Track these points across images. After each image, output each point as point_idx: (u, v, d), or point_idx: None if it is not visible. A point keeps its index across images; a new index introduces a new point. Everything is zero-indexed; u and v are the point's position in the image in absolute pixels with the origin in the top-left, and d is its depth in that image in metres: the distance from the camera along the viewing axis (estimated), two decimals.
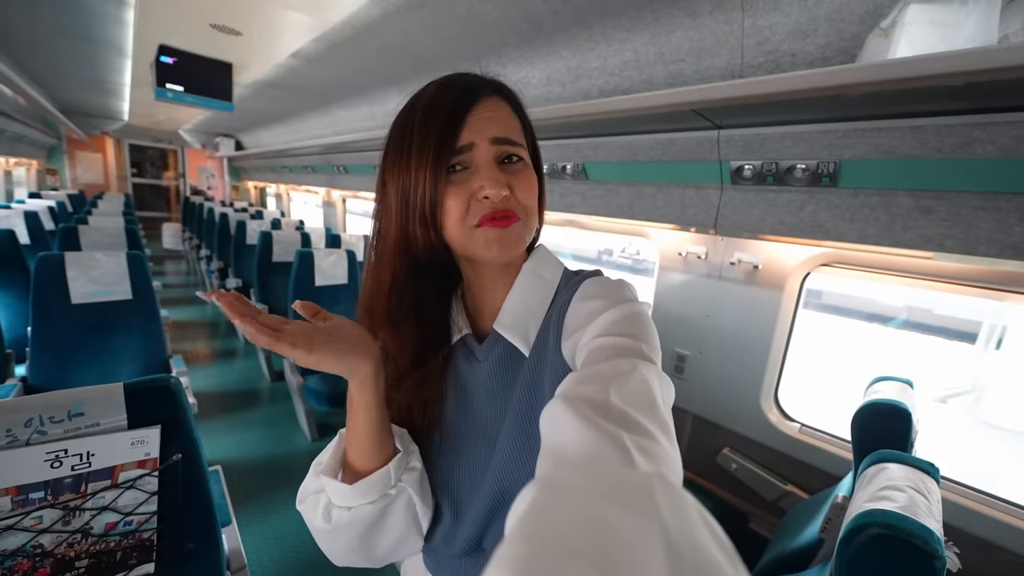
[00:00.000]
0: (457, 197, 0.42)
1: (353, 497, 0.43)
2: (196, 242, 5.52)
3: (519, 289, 0.48)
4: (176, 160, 7.92)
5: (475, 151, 0.42)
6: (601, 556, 0.15)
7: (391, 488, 0.45)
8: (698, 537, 0.16)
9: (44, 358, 1.61)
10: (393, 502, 0.45)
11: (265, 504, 1.81)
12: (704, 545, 0.16)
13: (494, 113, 0.43)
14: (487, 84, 0.45)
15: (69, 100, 4.90)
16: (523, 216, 0.44)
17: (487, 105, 0.43)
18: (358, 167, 3.62)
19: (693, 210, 1.52)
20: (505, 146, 0.43)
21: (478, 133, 0.42)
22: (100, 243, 2.58)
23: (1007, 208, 0.95)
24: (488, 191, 0.41)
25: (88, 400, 0.73)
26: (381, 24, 1.70)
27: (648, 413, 0.31)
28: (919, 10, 0.83)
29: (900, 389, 1.11)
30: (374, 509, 0.44)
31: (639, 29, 1.34)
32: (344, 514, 0.44)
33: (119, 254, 1.74)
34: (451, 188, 0.42)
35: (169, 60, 2.48)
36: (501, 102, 0.45)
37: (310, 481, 0.47)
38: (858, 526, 0.60)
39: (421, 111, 0.43)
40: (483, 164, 0.42)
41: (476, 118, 0.42)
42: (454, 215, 0.43)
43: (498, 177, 0.42)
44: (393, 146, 0.45)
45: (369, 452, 0.44)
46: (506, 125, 0.44)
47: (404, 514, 0.46)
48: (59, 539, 0.71)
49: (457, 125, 0.42)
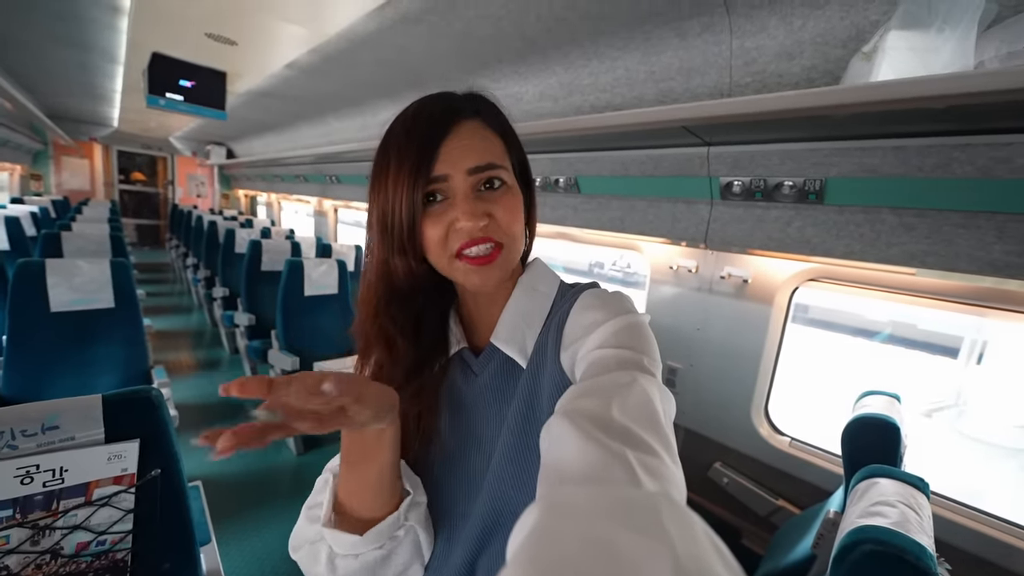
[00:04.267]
0: (435, 227, 0.42)
1: (362, 546, 0.41)
2: (183, 250, 5.44)
3: (515, 303, 0.48)
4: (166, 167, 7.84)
5: (451, 182, 0.41)
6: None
7: (399, 530, 0.43)
8: (707, 559, 0.16)
9: (19, 368, 1.56)
10: (400, 542, 0.44)
11: (247, 521, 1.75)
12: (712, 566, 0.16)
13: (470, 141, 0.42)
14: (463, 107, 0.44)
15: (58, 105, 4.84)
16: (506, 241, 0.43)
17: (462, 133, 0.42)
18: (351, 177, 3.61)
19: (684, 224, 1.54)
20: (484, 173, 0.42)
21: (453, 165, 0.41)
22: (84, 250, 2.52)
23: (986, 226, 0.98)
24: (463, 223, 0.41)
25: (64, 412, 0.70)
26: (377, 38, 1.72)
27: (650, 428, 0.31)
28: (899, 36, 0.86)
29: (888, 403, 1.12)
30: (382, 552, 0.42)
31: (631, 48, 1.38)
32: (351, 563, 0.41)
33: (103, 261, 1.70)
34: (430, 218, 0.42)
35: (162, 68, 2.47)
36: (478, 126, 0.43)
37: (305, 529, 0.44)
38: (851, 542, 0.60)
39: (398, 138, 0.42)
40: (460, 197, 0.41)
41: (450, 148, 0.41)
42: (434, 243, 0.42)
43: (474, 209, 0.41)
44: (375, 170, 0.44)
45: (382, 499, 0.42)
46: (483, 152, 0.42)
47: (410, 550, 0.45)
48: (26, 560, 0.67)
49: (430, 159, 0.41)
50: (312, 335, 2.41)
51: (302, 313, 2.41)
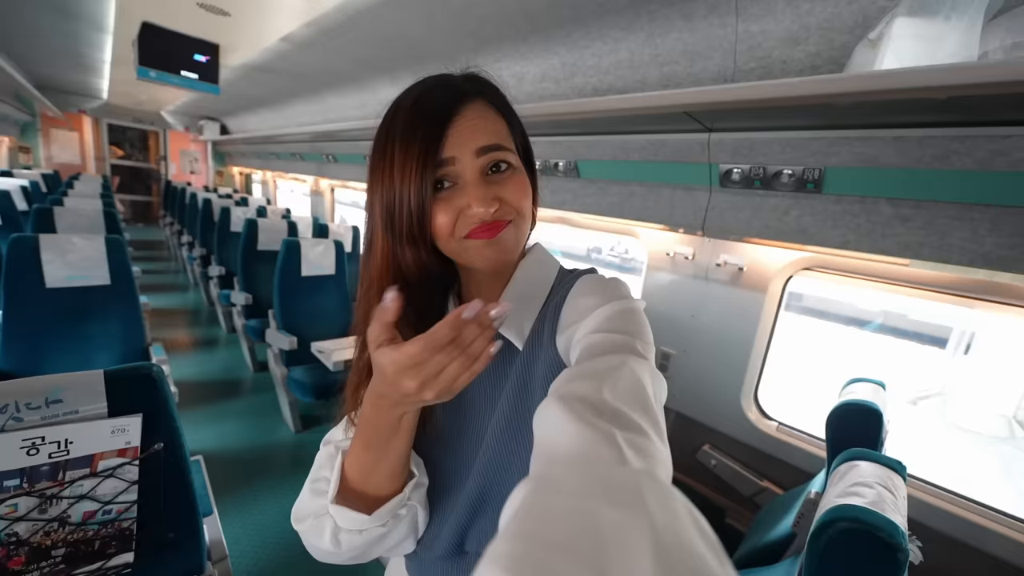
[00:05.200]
0: (445, 213, 0.41)
1: (368, 523, 0.42)
2: (178, 228, 5.38)
3: (515, 286, 0.49)
4: (158, 142, 7.67)
5: (460, 165, 0.41)
6: (590, 552, 0.15)
7: (402, 509, 0.44)
8: (684, 532, 0.17)
9: (16, 343, 1.56)
10: (401, 519, 0.45)
11: (247, 495, 1.79)
12: (690, 539, 0.17)
13: (477, 122, 0.42)
14: (469, 89, 0.43)
15: (44, 75, 4.70)
16: (514, 218, 0.43)
17: (469, 114, 0.42)
18: (348, 156, 3.55)
19: (682, 211, 1.54)
20: (492, 154, 0.42)
21: (461, 147, 0.41)
22: (76, 226, 2.49)
23: (980, 219, 0.99)
24: (475, 208, 0.40)
25: (67, 386, 0.71)
26: (375, 12, 1.67)
27: (640, 410, 0.32)
28: (905, 23, 0.85)
29: (873, 390, 1.15)
30: (384, 529, 0.44)
31: (634, 29, 1.35)
32: (355, 538, 0.43)
33: (97, 238, 1.69)
34: (439, 205, 0.41)
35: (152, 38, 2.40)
36: (484, 107, 0.43)
37: (309, 501, 0.44)
38: (828, 520, 0.63)
39: (402, 122, 0.41)
40: (470, 181, 0.41)
41: (458, 130, 0.41)
42: (444, 230, 0.42)
43: (485, 194, 0.41)
44: (376, 157, 0.43)
45: (393, 481, 0.43)
46: (491, 132, 0.42)
47: (408, 526, 0.46)
48: (35, 527, 0.70)
49: (438, 140, 0.40)
50: (310, 315, 2.41)
51: (299, 293, 2.41)
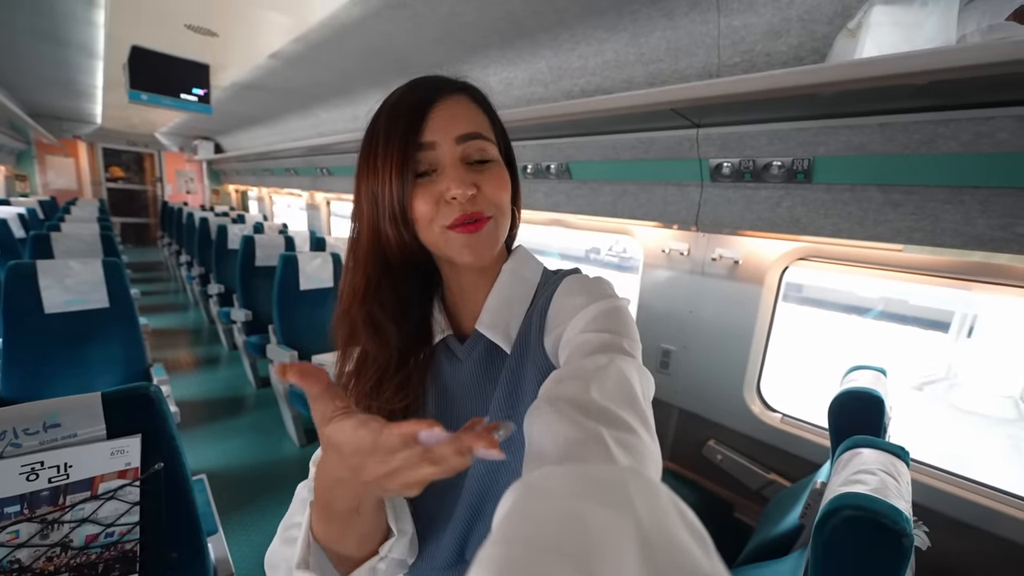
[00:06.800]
0: (425, 199, 0.42)
1: None
2: (176, 248, 5.39)
3: (499, 289, 0.49)
4: (153, 164, 7.71)
5: (439, 151, 0.42)
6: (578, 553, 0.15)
7: (380, 563, 0.41)
8: (670, 527, 0.17)
9: (16, 370, 1.56)
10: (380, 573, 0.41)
11: (254, 512, 1.78)
12: (676, 534, 0.17)
13: (458, 110, 0.43)
14: (451, 83, 0.45)
15: (38, 103, 4.73)
16: (494, 214, 0.44)
17: (450, 103, 0.43)
18: (342, 169, 3.57)
19: (675, 207, 1.54)
20: (472, 142, 0.42)
21: (441, 131, 0.42)
22: (74, 250, 2.50)
23: (970, 201, 0.99)
24: (454, 191, 0.41)
25: (64, 410, 0.71)
26: (361, 25, 1.69)
27: (628, 407, 0.32)
28: (883, 11, 0.86)
29: (874, 377, 1.15)
30: None
31: (618, 29, 1.36)
32: None
33: (95, 261, 1.69)
34: (419, 190, 0.42)
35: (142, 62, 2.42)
36: (467, 100, 0.44)
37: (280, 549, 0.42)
38: (832, 509, 0.62)
39: (385, 115, 0.43)
40: (448, 164, 0.42)
41: (438, 115, 0.42)
42: (424, 217, 0.42)
43: (464, 177, 0.41)
44: (363, 150, 0.44)
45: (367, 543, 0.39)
46: (472, 121, 0.43)
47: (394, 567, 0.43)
48: (37, 553, 0.69)
49: (419, 125, 0.41)
50: (309, 329, 2.41)
51: (298, 307, 2.41)
